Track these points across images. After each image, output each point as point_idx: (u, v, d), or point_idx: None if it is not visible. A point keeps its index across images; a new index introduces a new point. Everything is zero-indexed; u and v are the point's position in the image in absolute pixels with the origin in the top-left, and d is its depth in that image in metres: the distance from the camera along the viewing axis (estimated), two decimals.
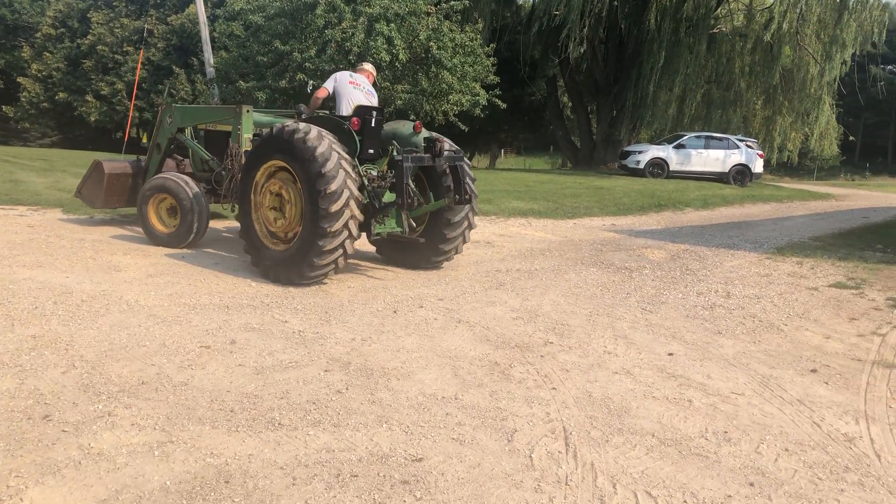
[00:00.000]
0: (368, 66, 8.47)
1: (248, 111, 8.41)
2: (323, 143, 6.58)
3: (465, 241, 7.99)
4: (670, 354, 5.46)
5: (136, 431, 3.67)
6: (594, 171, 28.59)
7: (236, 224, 7.81)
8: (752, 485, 3.49)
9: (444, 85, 16.93)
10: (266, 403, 4.13)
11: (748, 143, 26.23)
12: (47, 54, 50.89)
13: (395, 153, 7.06)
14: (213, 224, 9.82)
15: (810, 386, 4.94)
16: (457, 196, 7.34)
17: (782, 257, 9.63)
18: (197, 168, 9.16)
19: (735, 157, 25.48)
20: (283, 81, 17.20)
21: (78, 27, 50.92)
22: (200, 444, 3.57)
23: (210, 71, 21.96)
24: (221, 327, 5.50)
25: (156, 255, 7.97)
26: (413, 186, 7.25)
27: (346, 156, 6.73)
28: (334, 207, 6.48)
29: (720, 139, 26.02)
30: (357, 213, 6.68)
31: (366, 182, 7.04)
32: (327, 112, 7.83)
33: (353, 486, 3.27)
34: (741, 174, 25.37)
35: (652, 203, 16.73)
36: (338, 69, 17.08)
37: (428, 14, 17.37)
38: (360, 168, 7.06)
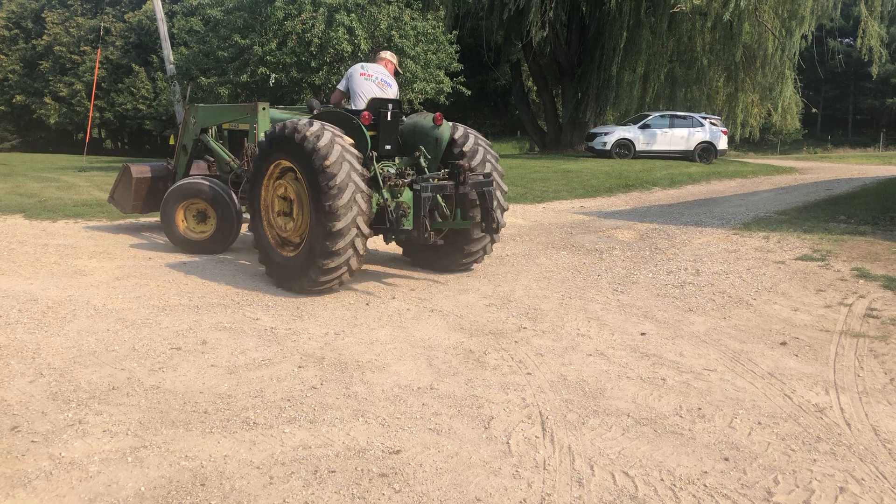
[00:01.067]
0: (386, 54, 7.65)
1: (263, 108, 7.95)
2: (324, 136, 6.13)
3: (493, 242, 7.40)
4: (643, 334, 5.51)
5: (108, 438, 3.62)
6: (562, 154, 28.68)
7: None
8: (727, 459, 3.53)
9: (407, 74, 16.84)
10: (240, 403, 4.09)
11: (712, 121, 26.47)
12: (2, 56, 49.82)
13: (413, 184, 6.45)
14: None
15: (780, 359, 5.01)
16: (482, 224, 6.74)
17: (749, 232, 9.75)
18: (222, 170, 8.80)
19: (700, 135, 25.69)
20: (245, 76, 16.98)
21: (32, 28, 49.91)
22: (174, 448, 3.53)
23: (170, 68, 21.63)
24: (192, 328, 5.44)
25: (122, 257, 7.84)
26: (424, 213, 6.33)
27: (353, 150, 6.26)
28: (339, 203, 5.99)
29: (684, 118, 26.21)
30: (365, 208, 6.19)
31: (381, 180, 6.63)
32: (331, 106, 7.44)
33: (332, 481, 3.25)
34: (706, 151, 25.59)
35: (619, 184, 16.83)
36: (299, 62, 16.98)
37: (388, 3, 17.24)
38: (377, 165, 6.69)
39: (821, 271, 7.40)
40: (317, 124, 6.29)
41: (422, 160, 6.97)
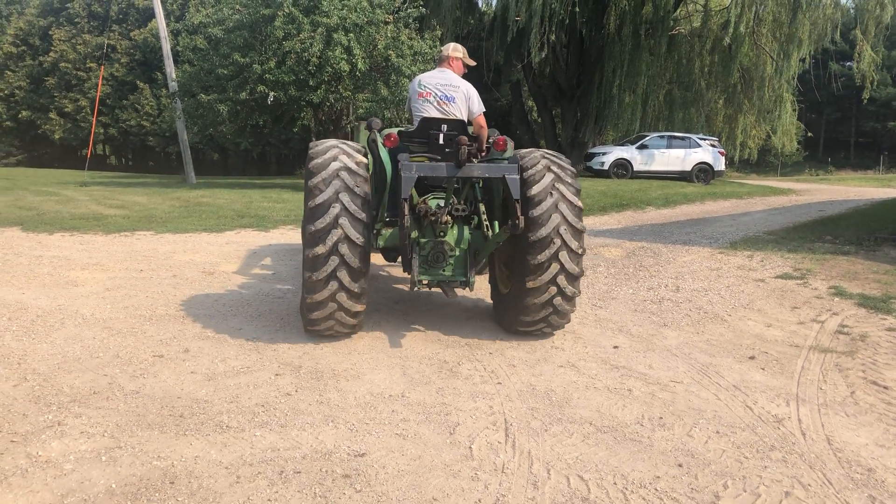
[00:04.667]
0: (448, 50, 6.22)
1: (365, 128, 6.61)
2: (327, 154, 5.26)
3: (565, 301, 5.50)
4: (615, 347, 5.64)
5: (84, 439, 3.75)
6: None
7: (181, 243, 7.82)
8: (680, 465, 3.66)
9: (404, 92, 17.07)
10: (215, 408, 4.23)
11: (710, 142, 26.70)
12: (9, 73, 50.42)
13: (399, 160, 5.24)
14: (174, 245, 9.90)
15: (747, 372, 5.14)
16: (510, 222, 5.12)
17: (734, 251, 9.88)
18: None
19: (697, 156, 25.92)
20: (244, 93, 17.23)
21: (39, 45, 50.59)
22: (148, 449, 3.66)
23: (172, 85, 21.93)
24: (176, 337, 5.58)
25: (114, 269, 8.00)
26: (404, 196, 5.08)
27: (358, 169, 5.22)
28: (313, 227, 5.02)
29: (682, 138, 26.46)
30: (357, 238, 5.06)
31: (420, 214, 5.49)
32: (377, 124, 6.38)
33: (296, 481, 3.38)
34: (704, 172, 25.81)
35: (614, 203, 16.98)
36: (297, 80, 17.12)
37: (386, 23, 17.51)
38: (419, 199, 5.72)
39: (798, 289, 7.53)
40: (330, 141, 5.52)
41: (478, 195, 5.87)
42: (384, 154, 5.83)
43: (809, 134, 44.13)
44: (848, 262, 8.76)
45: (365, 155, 5.61)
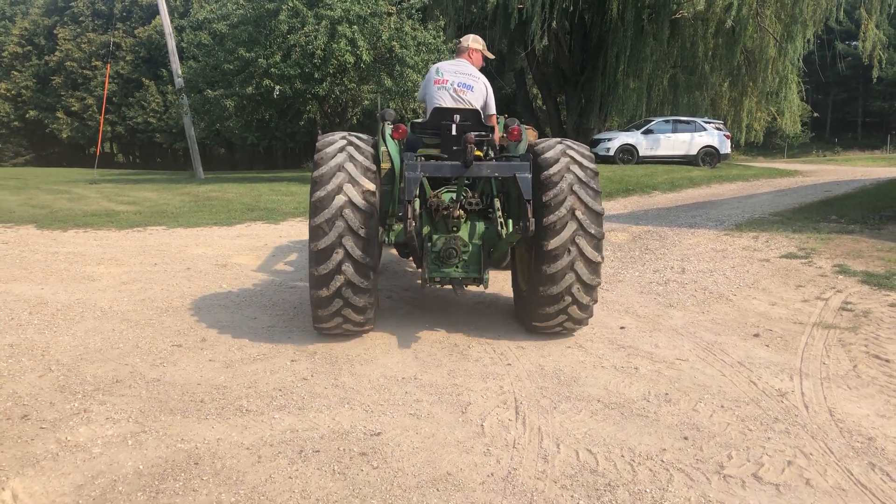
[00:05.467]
0: (468, 41, 6.08)
1: (385, 124, 5.93)
2: (332, 147, 5.12)
3: (581, 309, 5.22)
4: (622, 328, 5.75)
5: (110, 425, 3.90)
6: None
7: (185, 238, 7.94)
8: (686, 438, 3.78)
9: (409, 83, 17.18)
10: (234, 393, 4.37)
11: (715, 125, 26.71)
12: (15, 73, 50.70)
13: (404, 161, 5.09)
14: (181, 239, 10.04)
15: (752, 349, 5.25)
16: (521, 223, 4.77)
17: (739, 233, 9.97)
18: None
19: (703, 140, 25.94)
20: (250, 88, 17.37)
21: (45, 44, 50.84)
22: (172, 432, 3.80)
23: (178, 81, 22.08)
24: (193, 327, 5.73)
25: (129, 264, 8.16)
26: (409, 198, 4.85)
27: (366, 162, 5.08)
28: (316, 220, 4.88)
29: (687, 122, 26.48)
30: (362, 230, 4.89)
31: (432, 209, 5.34)
32: (388, 114, 6.00)
33: (315, 459, 3.52)
34: (710, 156, 25.84)
35: (620, 188, 17.06)
36: (302, 73, 17.24)
37: (389, 14, 17.60)
38: (432, 192, 5.54)
39: (803, 268, 7.62)
40: (338, 134, 5.33)
41: (494, 190, 5.65)
42: (392, 146, 5.64)
43: (815, 115, 43.97)
44: (852, 241, 8.84)
45: (376, 147, 5.44)
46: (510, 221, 5.51)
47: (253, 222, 11.66)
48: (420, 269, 5.48)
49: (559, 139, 5.44)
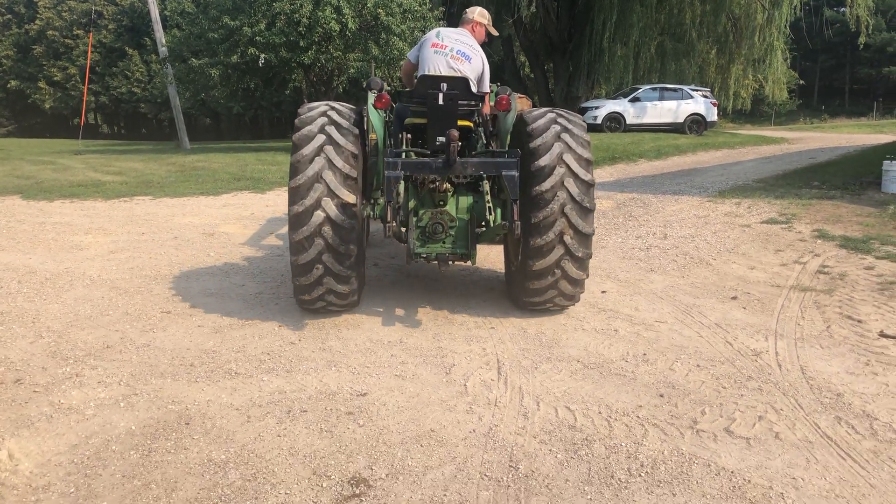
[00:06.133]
0: (473, 13, 5.81)
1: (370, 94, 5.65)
2: (314, 123, 4.89)
3: (569, 283, 5.05)
4: (603, 292, 5.87)
5: (102, 388, 3.99)
6: None
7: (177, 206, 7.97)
8: (661, 395, 3.91)
9: (395, 51, 17.10)
10: (223, 357, 4.47)
11: (702, 93, 26.73)
12: None
13: (368, 214, 4.97)
14: (169, 209, 10.06)
15: (729, 311, 5.38)
16: (504, 222, 4.76)
17: (722, 199, 10.09)
18: None
19: (690, 107, 25.98)
20: (235, 56, 17.23)
21: (25, 12, 50.01)
22: (163, 395, 3.90)
23: (162, 50, 21.86)
24: (181, 294, 5.80)
25: (116, 233, 8.20)
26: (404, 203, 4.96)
27: (346, 142, 4.86)
28: (295, 209, 4.73)
29: (675, 90, 26.49)
30: (340, 217, 4.73)
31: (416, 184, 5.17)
32: (370, 85, 5.73)
33: (303, 419, 3.63)
34: (696, 123, 25.90)
35: (606, 156, 17.13)
36: (288, 42, 17.11)
37: None
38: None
39: (783, 233, 7.76)
40: (321, 107, 5.10)
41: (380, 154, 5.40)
42: (375, 117, 5.33)
43: (801, 82, 43.94)
44: (833, 207, 8.98)
45: (361, 118, 5.23)
46: (499, 210, 5.18)
47: (239, 192, 11.69)
48: (405, 245, 5.19)
49: (550, 108, 5.30)
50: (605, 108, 25.98)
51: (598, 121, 25.58)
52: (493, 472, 3.13)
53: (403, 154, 4.92)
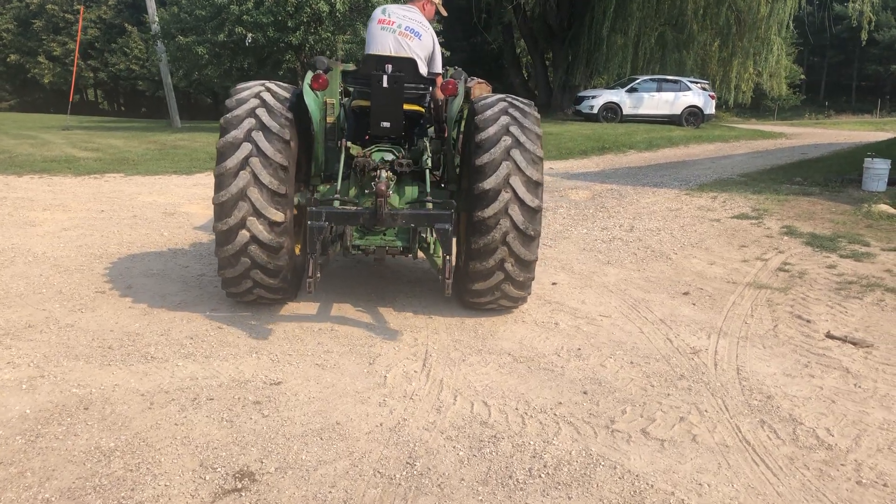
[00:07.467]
0: None
1: (310, 67, 5.31)
2: (240, 127, 4.48)
3: (515, 287, 4.74)
4: (553, 284, 5.73)
5: (10, 369, 3.86)
6: (551, 117, 28.63)
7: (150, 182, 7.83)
8: (585, 392, 3.78)
9: None
10: (145, 340, 4.34)
11: (701, 85, 26.45)
12: None
13: (305, 202, 4.83)
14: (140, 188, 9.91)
15: (677, 307, 5.24)
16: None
17: (700, 193, 9.93)
18: None
19: (687, 99, 25.71)
20: (222, 35, 17.03)
21: None
22: (69, 378, 3.77)
23: (154, 27, 21.65)
24: (122, 273, 5.67)
25: (76, 210, 8.06)
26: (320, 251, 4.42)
27: (276, 126, 4.49)
28: (220, 227, 4.45)
29: (673, 81, 26.20)
30: (268, 208, 4.41)
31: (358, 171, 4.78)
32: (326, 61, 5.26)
33: (206, 407, 3.50)
34: (693, 115, 25.65)
35: (596, 146, 16.94)
36: (276, 21, 16.85)
37: None
38: (364, 151, 4.92)
39: (751, 228, 7.60)
40: (254, 87, 4.73)
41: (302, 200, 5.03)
42: (310, 98, 4.77)
43: (802, 77, 43.53)
44: (809, 203, 8.82)
45: (300, 99, 4.78)
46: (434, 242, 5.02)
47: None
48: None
49: (502, 96, 4.90)
50: (601, 97, 25.72)
51: (595, 110, 25.36)
52: (387, 469, 3.00)
53: (333, 201, 4.47)
